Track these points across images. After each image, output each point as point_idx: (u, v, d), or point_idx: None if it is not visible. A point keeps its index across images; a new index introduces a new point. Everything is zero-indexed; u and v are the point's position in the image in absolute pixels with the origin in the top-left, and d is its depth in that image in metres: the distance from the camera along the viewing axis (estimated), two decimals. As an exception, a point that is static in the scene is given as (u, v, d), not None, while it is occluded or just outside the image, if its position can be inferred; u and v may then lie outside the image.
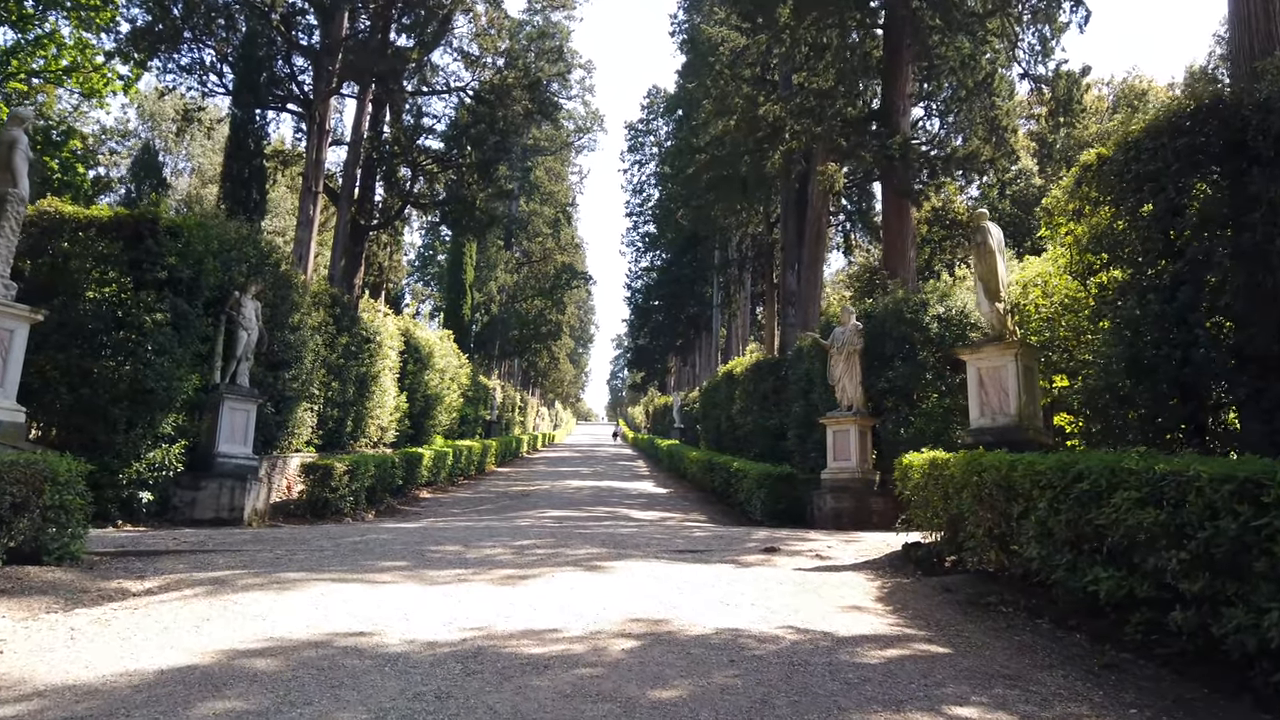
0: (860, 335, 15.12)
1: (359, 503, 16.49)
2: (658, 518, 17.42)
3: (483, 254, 47.77)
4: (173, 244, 12.44)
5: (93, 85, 26.55)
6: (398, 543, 9.27)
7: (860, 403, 15.03)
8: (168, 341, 12.18)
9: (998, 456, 6.67)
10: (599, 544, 9.46)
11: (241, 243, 14.59)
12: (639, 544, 9.51)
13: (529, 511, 17.41)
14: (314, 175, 20.48)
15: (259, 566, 7.48)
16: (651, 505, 20.62)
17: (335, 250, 22.55)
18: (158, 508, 12.69)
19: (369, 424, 20.98)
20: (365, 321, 21.03)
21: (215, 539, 9.44)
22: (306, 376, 16.62)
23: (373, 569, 7.45)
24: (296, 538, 9.65)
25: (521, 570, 7.51)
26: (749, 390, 25.24)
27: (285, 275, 16.72)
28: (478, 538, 9.90)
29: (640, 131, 59.83)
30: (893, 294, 15.05)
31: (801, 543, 9.82)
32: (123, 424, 11.72)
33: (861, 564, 8.48)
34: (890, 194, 17.43)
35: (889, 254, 17.25)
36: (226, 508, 13.19)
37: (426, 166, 25.40)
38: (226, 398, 13.59)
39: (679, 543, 9.90)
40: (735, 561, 8.44)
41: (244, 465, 13.66)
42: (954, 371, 13.79)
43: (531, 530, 11.19)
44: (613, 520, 15.45)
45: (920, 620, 5.93)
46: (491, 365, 52.30)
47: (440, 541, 9.45)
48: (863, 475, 14.76)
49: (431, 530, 11.05)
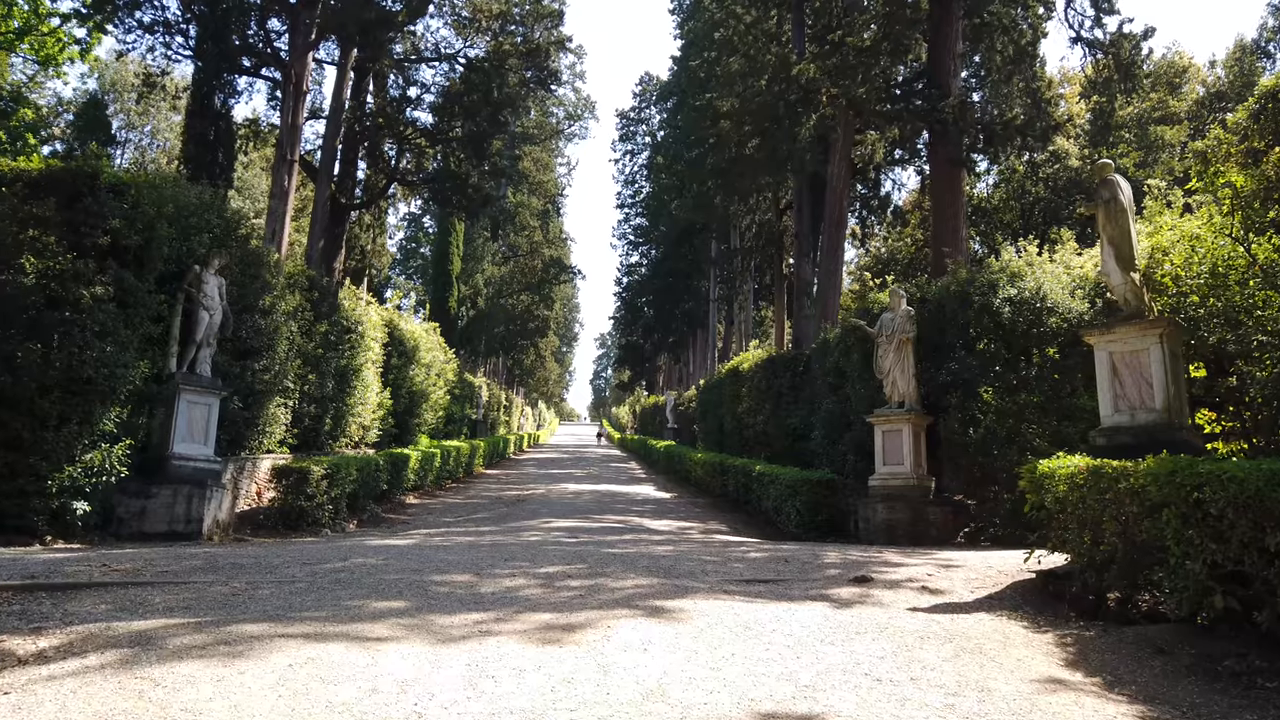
0: (912, 322, 13.33)
1: (339, 511, 14.49)
2: (677, 528, 15.56)
3: (469, 245, 45.67)
4: (116, 204, 10.42)
5: (49, 52, 24.37)
6: (391, 570, 7.34)
7: (914, 398, 13.24)
8: (111, 321, 10.15)
9: (1236, 466, 4.84)
10: (643, 571, 7.57)
11: (203, 210, 12.57)
12: (692, 571, 7.63)
13: (532, 522, 15.48)
14: (289, 142, 18.33)
15: (206, 610, 5.54)
16: (662, 512, 18.75)
17: (313, 231, 20.41)
18: (99, 519, 10.67)
19: (350, 422, 18.95)
20: (346, 309, 19.00)
21: (158, 564, 7.46)
22: (280, 367, 14.61)
23: (361, 614, 5.53)
24: (262, 562, 7.69)
25: (561, 615, 5.61)
26: (759, 388, 23.47)
27: (256, 252, 14.71)
28: (489, 562, 7.98)
29: (632, 120, 57.85)
30: (953, 274, 13.25)
31: (888, 569, 7.98)
32: (53, 419, 9.69)
33: (989, 600, 6.66)
34: (940, 163, 15.64)
35: (939, 231, 15.47)
36: (182, 519, 11.18)
37: (414, 140, 23.31)
38: (184, 389, 11.58)
39: (737, 567, 8.03)
40: (828, 597, 6.59)
41: (204, 469, 11.65)
42: (1027, 363, 12.03)
43: (550, 550, 9.27)
44: (631, 534, 13.56)
45: (1163, 704, 4.10)
46: (478, 362, 50.23)
47: (444, 568, 7.52)
48: (918, 482, 12.97)
49: (429, 550, 9.11)
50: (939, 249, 15.22)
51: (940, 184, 15.71)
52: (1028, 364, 11.96)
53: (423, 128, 23.64)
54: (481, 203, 24.06)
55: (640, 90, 57.78)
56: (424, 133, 23.39)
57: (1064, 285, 12.23)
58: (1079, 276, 12.45)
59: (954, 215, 15.27)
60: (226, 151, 19.34)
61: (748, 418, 25.02)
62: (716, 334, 47.78)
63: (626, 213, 58.30)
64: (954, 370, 12.51)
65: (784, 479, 15.26)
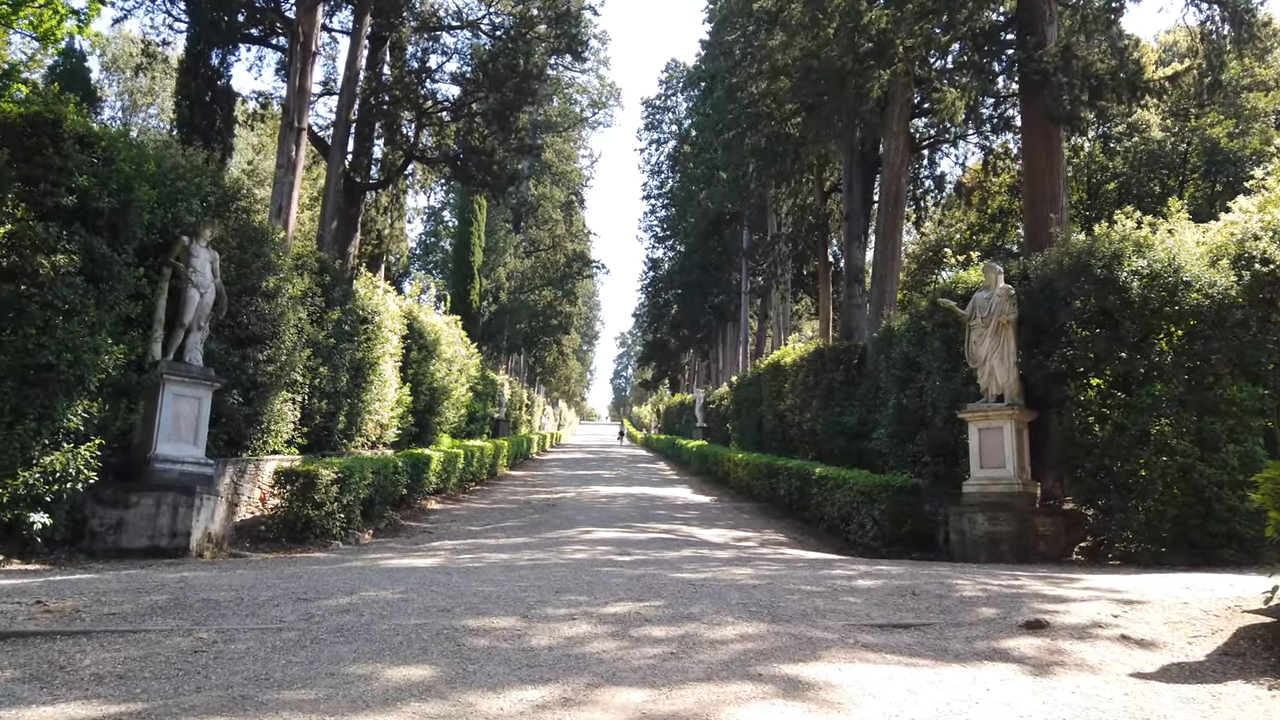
0: (1013, 301, 11.48)
1: (352, 520, 12.82)
2: (733, 539, 13.79)
3: (491, 237, 43.97)
4: (84, 159, 8.76)
5: (48, 26, 22.94)
6: (411, 609, 5.62)
7: (1015, 390, 11.39)
8: (78, 297, 8.50)
9: None
10: (739, 610, 5.81)
11: (194, 174, 10.93)
12: (803, 611, 5.85)
13: (570, 532, 13.74)
14: (297, 106, 16.60)
15: (146, 683, 3.84)
16: (709, 519, 16.97)
17: (325, 210, 18.70)
18: (67, 534, 9.04)
19: (366, 420, 17.32)
20: (363, 297, 17.38)
21: (111, 599, 5.78)
22: (286, 358, 12.99)
23: (369, 694, 3.80)
24: (246, 597, 5.99)
25: (659, 694, 3.86)
26: (806, 383, 21.70)
27: (260, 228, 13.09)
28: (536, 595, 6.23)
29: (658, 108, 55.89)
30: (1064, 246, 11.37)
31: (1053, 606, 6.16)
32: (4, 414, 8.06)
33: (1223, 657, 4.85)
34: (1036, 121, 13.70)
35: (1034, 196, 13.52)
36: (166, 532, 9.53)
37: (434, 114, 21.57)
38: (169, 380, 9.93)
39: (854, 604, 6.24)
40: (1007, 655, 4.80)
41: (192, 473, 9.99)
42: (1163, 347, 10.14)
43: (607, 575, 7.51)
44: (690, 548, 11.80)
45: None
46: (499, 359, 48.61)
47: (480, 605, 5.79)
48: (1023, 488, 11.11)
49: (458, 576, 7.37)
50: (1035, 220, 13.30)
51: (1035, 146, 13.77)
52: (1161, 349, 10.08)
53: (444, 100, 21.93)
54: (508, 181, 22.28)
55: (666, 77, 55.81)
56: (445, 106, 21.65)
57: (1198, 256, 10.34)
58: (1214, 245, 10.56)
59: (1053, 181, 13.33)
60: (225, 115, 17.58)
61: (791, 415, 23.27)
62: (749, 329, 45.79)
63: (653, 204, 56.40)
64: (1069, 357, 10.63)
65: (855, 484, 13.41)
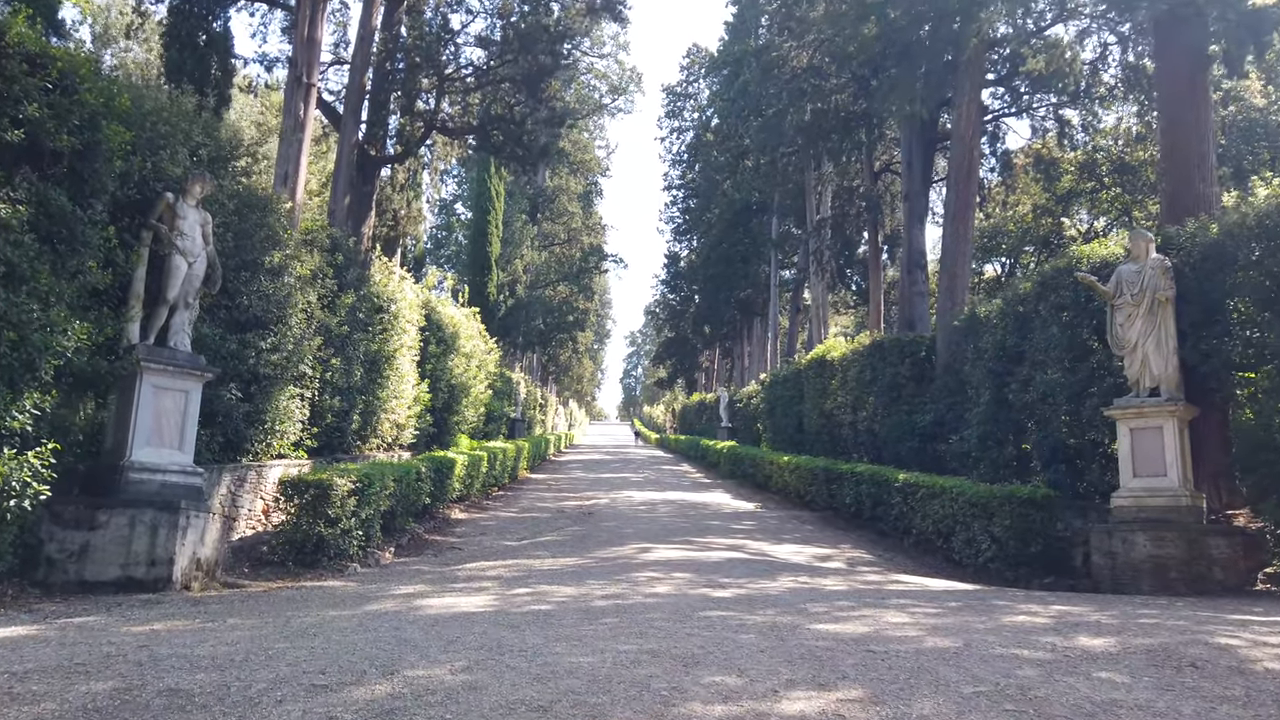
0: (1169, 276, 9.48)
1: (371, 537, 10.87)
2: (813, 558, 11.80)
3: (507, 228, 42.03)
4: (35, 82, 6.84)
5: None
6: (488, 707, 3.66)
7: (1174, 383, 9.38)
8: (26, 260, 6.59)
9: None
10: (990, 711, 3.84)
11: (182, 119, 9.00)
12: (1083, 709, 3.88)
13: (623, 550, 11.76)
14: (305, 60, 14.57)
15: None
16: (770, 532, 14.99)
17: (336, 184, 16.73)
18: (16, 562, 7.12)
19: (382, 420, 15.41)
20: (379, 283, 15.47)
21: (21, 694, 3.85)
22: (294, 346, 11.08)
23: None
24: (229, 682, 4.07)
25: None
26: (860, 379, 19.73)
27: (263, 195, 11.18)
28: (658, 671, 4.28)
29: (679, 95, 53.83)
30: (1241, 207, 9.37)
31: None
32: (-76, 411, 6.15)
33: None
34: (1176, 64, 11.55)
35: (1174, 153, 11.45)
36: (143, 559, 7.60)
37: (457, 79, 19.65)
38: (149, 368, 8.00)
39: (1120, 684, 4.27)
40: None
41: (176, 484, 8.05)
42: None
43: (733, 631, 5.54)
44: (788, 576, 9.79)
45: None
46: (515, 356, 46.67)
47: (591, 704, 3.83)
48: (1190, 501, 9.10)
49: (528, 628, 5.42)
50: (1176, 183, 11.26)
51: (1176, 92, 11.65)
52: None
53: (467, 65, 20.03)
54: (540, 153, 20.31)
55: (688, 63, 53.75)
56: (469, 71, 19.73)
57: None
58: None
59: (1200, 136, 11.20)
60: (221, 62, 15.52)
61: (841, 414, 21.30)
62: (779, 324, 43.68)
63: (674, 195, 54.32)
64: (1255, 341, 8.63)
65: (960, 494, 11.39)
